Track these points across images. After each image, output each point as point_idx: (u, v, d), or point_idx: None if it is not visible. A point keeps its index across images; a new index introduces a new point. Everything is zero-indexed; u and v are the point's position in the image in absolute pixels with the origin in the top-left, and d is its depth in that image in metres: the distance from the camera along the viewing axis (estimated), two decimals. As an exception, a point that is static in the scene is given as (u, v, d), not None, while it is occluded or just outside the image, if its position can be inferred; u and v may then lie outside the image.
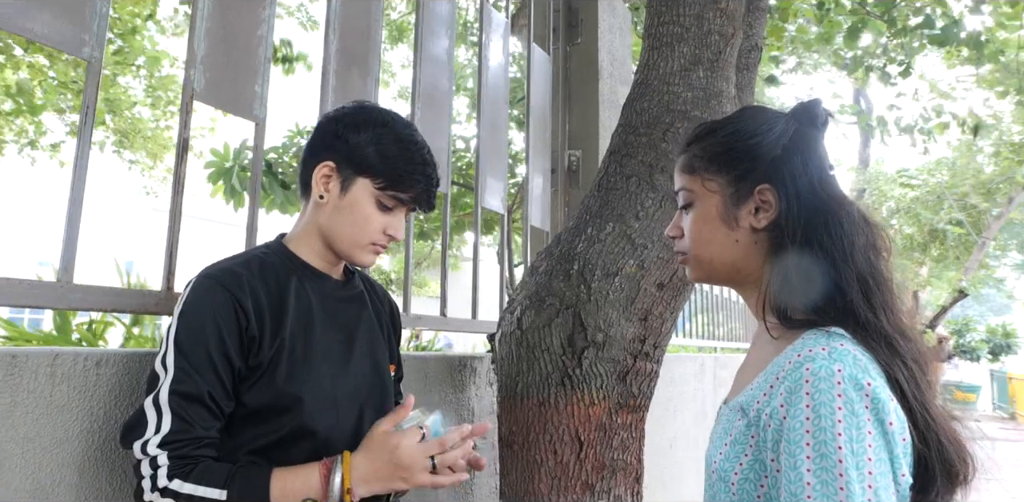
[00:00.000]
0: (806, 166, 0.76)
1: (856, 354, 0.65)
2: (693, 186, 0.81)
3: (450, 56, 2.01)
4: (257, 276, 0.92)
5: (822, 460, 0.60)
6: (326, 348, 0.96)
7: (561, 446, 1.39)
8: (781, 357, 0.70)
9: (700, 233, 0.80)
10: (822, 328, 0.70)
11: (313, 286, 0.98)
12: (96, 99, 1.10)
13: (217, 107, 1.33)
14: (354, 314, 1.04)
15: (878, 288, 0.72)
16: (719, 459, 0.72)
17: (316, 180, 0.97)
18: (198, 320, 0.86)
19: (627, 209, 1.46)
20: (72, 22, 1.07)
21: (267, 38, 1.41)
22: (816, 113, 0.78)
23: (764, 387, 0.69)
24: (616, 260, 1.43)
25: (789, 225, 0.74)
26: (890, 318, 0.71)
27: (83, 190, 1.06)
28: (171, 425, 0.81)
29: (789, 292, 0.73)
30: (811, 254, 0.72)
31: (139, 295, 1.11)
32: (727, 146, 0.79)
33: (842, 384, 0.62)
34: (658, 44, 1.53)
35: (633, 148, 1.51)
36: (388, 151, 0.96)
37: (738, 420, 0.71)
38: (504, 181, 2.23)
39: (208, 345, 0.85)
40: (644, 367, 1.44)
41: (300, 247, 1.00)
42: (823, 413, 0.61)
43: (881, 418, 0.61)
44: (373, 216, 0.97)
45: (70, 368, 0.88)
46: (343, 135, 0.96)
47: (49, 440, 0.85)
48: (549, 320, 1.42)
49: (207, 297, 0.87)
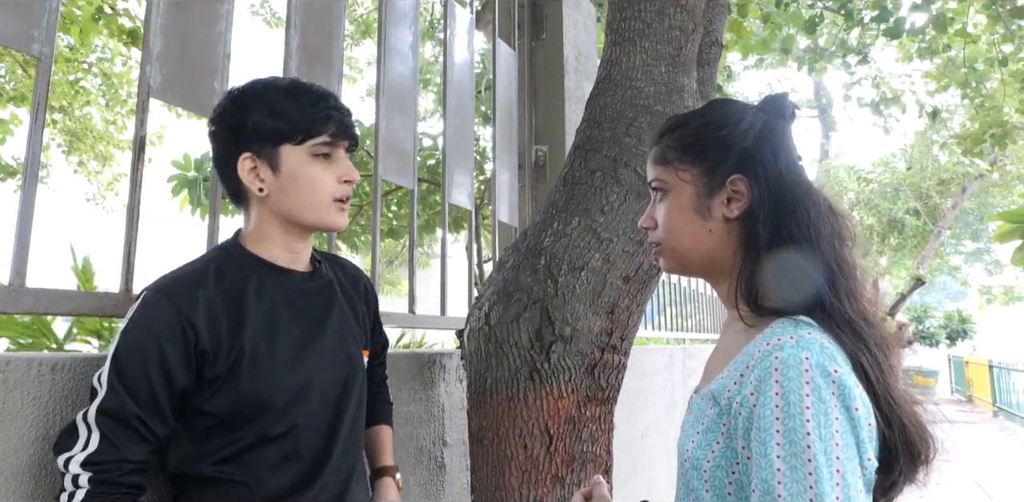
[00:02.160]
0: (776, 156, 0.77)
1: (823, 342, 0.67)
2: (666, 177, 0.82)
3: (414, 52, 2.00)
4: (212, 283, 0.90)
5: (791, 446, 0.62)
6: (294, 346, 0.94)
7: (531, 440, 1.40)
8: (751, 346, 0.71)
9: (674, 223, 0.81)
10: (791, 317, 0.72)
11: (276, 284, 0.96)
12: (47, 96, 1.06)
13: (175, 104, 1.30)
14: (323, 306, 1.01)
15: (843, 275, 0.74)
16: (691, 447, 0.73)
17: (245, 177, 0.93)
18: (139, 338, 0.84)
19: (592, 203, 1.48)
20: (21, 18, 1.03)
21: (226, 34, 1.38)
22: (783, 105, 0.80)
23: (734, 376, 0.71)
24: (582, 254, 1.45)
25: (760, 214, 0.75)
26: (854, 304, 0.73)
27: (34, 191, 1.03)
28: (97, 445, 0.80)
29: (760, 280, 0.75)
30: (780, 243, 0.74)
31: (95, 298, 1.08)
32: (699, 137, 0.80)
33: (810, 372, 0.64)
34: (620, 39, 1.55)
35: (597, 143, 1.52)
36: (282, 108, 0.92)
37: (709, 408, 0.73)
38: (471, 177, 2.23)
39: (147, 365, 0.83)
40: (612, 359, 1.46)
41: (259, 244, 0.97)
42: (792, 400, 0.63)
43: (847, 404, 0.63)
44: (318, 173, 0.94)
45: (23, 374, 0.86)
46: (237, 123, 0.93)
47: (2, 448, 0.83)
48: (517, 315, 1.43)
49: (152, 314, 0.85)
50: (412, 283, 1.84)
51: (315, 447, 0.92)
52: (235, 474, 0.86)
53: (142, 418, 0.82)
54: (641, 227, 0.87)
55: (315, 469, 0.92)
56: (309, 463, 0.92)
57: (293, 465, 0.90)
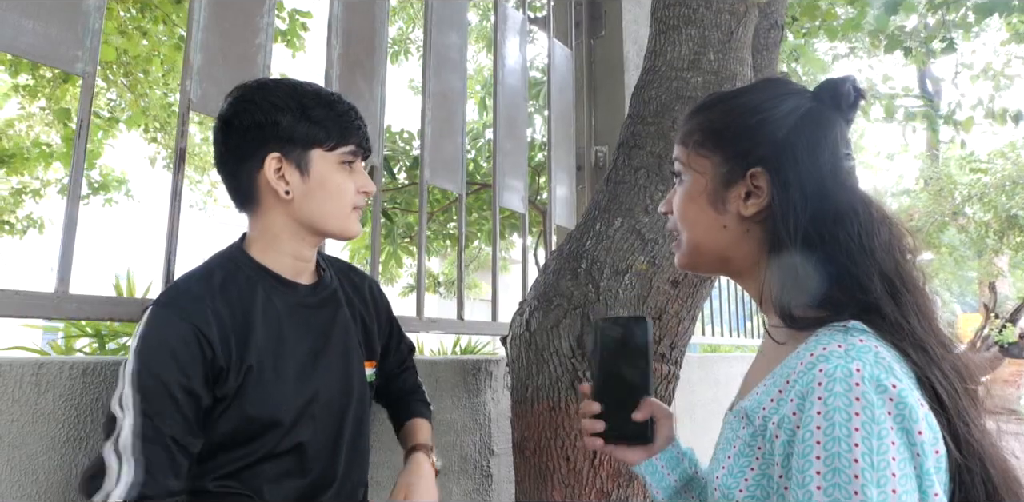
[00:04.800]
0: (813, 152, 0.66)
1: (879, 351, 0.56)
2: (686, 160, 0.73)
3: (462, 55, 1.98)
4: (219, 295, 0.87)
5: (835, 476, 0.51)
6: (300, 362, 0.92)
7: (574, 452, 1.33)
8: (792, 357, 0.61)
9: (686, 211, 0.72)
10: (839, 323, 0.61)
11: (281, 297, 0.93)
12: (90, 113, 1.12)
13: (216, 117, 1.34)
14: (327, 318, 0.98)
15: (907, 290, 0.63)
16: (722, 474, 0.63)
17: (270, 178, 0.90)
18: (157, 357, 0.79)
19: (636, 203, 1.39)
20: (65, 38, 1.10)
21: (266, 46, 1.42)
22: (840, 91, 0.68)
23: (772, 391, 0.61)
24: (625, 257, 1.37)
25: (784, 216, 0.65)
26: (923, 323, 0.61)
27: (78, 201, 1.08)
28: (134, 476, 0.75)
29: (793, 291, 0.64)
30: (821, 250, 0.64)
31: (136, 303, 1.12)
32: (726, 121, 0.71)
33: (861, 386, 0.53)
34: (664, 28, 1.46)
35: (641, 139, 1.44)
36: (316, 113, 0.91)
37: (742, 428, 0.63)
38: (524, 180, 2.19)
39: (169, 384, 0.78)
40: (660, 369, 1.37)
41: (265, 254, 0.94)
42: (837, 420, 0.52)
43: (907, 426, 0.52)
44: (344, 182, 0.94)
45: (55, 377, 0.89)
46: (268, 122, 0.89)
47: (36, 448, 0.87)
48: (557, 321, 1.37)
49: (167, 331, 0.81)
50: (460, 289, 1.82)
51: (321, 462, 0.90)
52: (239, 487, 0.84)
53: (176, 439, 0.78)
54: (660, 212, 0.78)
55: (322, 485, 0.91)
56: (316, 478, 0.90)
57: (298, 480, 0.88)
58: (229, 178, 0.94)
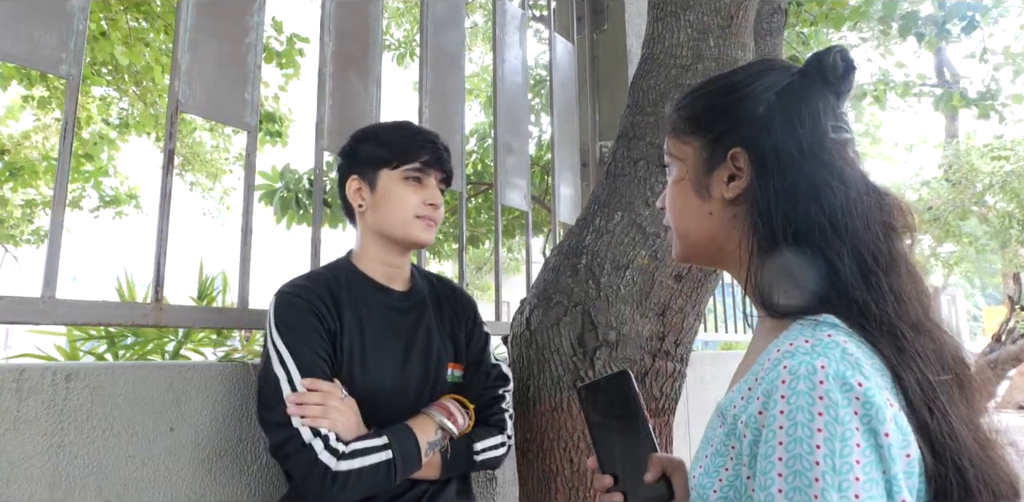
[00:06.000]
0: (792, 126, 0.62)
1: (848, 347, 0.53)
2: (672, 150, 0.70)
3: (460, 53, 1.96)
4: (323, 291, 1.03)
5: (796, 478, 0.48)
6: (383, 356, 1.04)
7: (577, 454, 1.29)
8: (763, 354, 0.58)
9: (674, 203, 0.69)
10: (811, 317, 0.57)
11: (374, 299, 1.07)
12: (75, 115, 1.11)
13: (206, 117, 1.33)
14: (412, 322, 1.10)
15: (879, 267, 0.59)
16: (698, 473, 0.60)
17: (351, 196, 1.10)
18: (294, 325, 0.97)
19: (636, 196, 1.35)
20: (49, 41, 1.08)
21: (256, 45, 1.40)
22: (826, 62, 0.63)
23: (743, 389, 0.58)
24: (626, 251, 1.33)
25: (762, 195, 0.62)
26: (899, 306, 0.57)
27: (63, 206, 1.07)
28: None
29: (771, 274, 0.61)
30: (796, 229, 0.60)
31: (126, 308, 1.11)
32: (708, 103, 0.68)
33: (825, 384, 0.50)
34: (662, 14, 1.42)
35: (640, 129, 1.40)
36: (384, 137, 1.10)
37: (719, 427, 0.60)
38: (527, 177, 2.16)
39: (311, 343, 0.96)
40: (665, 367, 1.33)
41: (363, 261, 1.11)
42: (799, 420, 0.49)
43: (874, 427, 0.49)
44: (406, 194, 1.08)
45: (37, 382, 0.88)
46: (351, 153, 1.12)
47: (17, 455, 0.85)
48: (557, 319, 1.33)
49: (291, 306, 0.99)
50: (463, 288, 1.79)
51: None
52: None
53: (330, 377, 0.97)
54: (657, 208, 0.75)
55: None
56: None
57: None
58: (340, 201, 1.14)
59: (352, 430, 0.93)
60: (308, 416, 0.90)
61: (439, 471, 1.03)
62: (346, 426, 0.93)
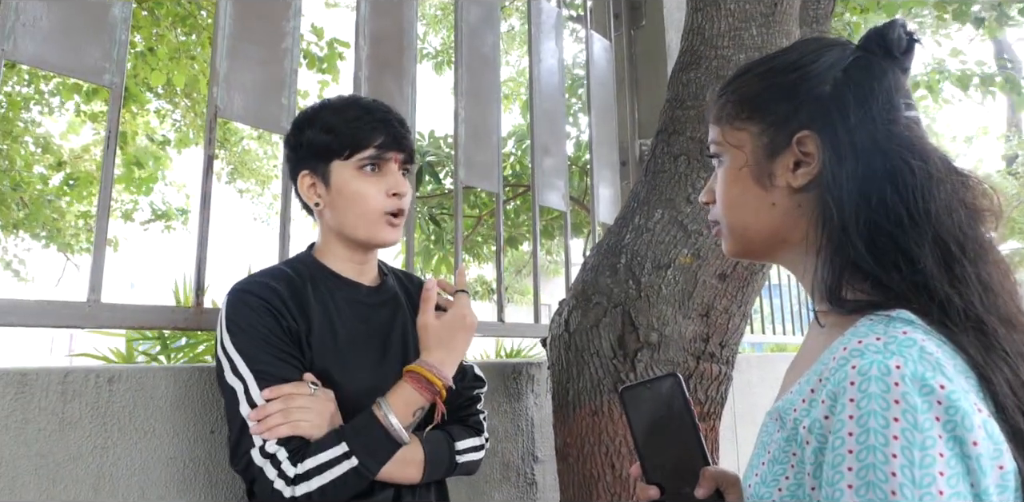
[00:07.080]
0: (864, 105, 0.57)
1: (926, 345, 0.47)
2: (722, 139, 0.65)
3: (495, 53, 1.94)
4: (284, 286, 0.93)
5: (868, 491, 0.43)
6: (359, 353, 0.95)
7: (619, 459, 1.25)
8: (827, 352, 0.53)
9: (730, 196, 0.64)
10: (883, 312, 0.52)
11: (341, 294, 0.98)
12: (118, 124, 1.13)
13: (244, 123, 1.35)
14: (386, 319, 1.01)
15: (965, 256, 0.53)
16: (754, 482, 0.56)
17: (304, 194, 0.98)
18: (246, 326, 0.87)
19: (677, 192, 1.31)
20: (92, 51, 1.11)
21: (293, 50, 1.41)
22: (890, 37, 0.59)
23: (804, 390, 0.53)
24: (668, 250, 1.28)
25: (836, 181, 0.56)
26: (985, 298, 0.52)
27: (107, 212, 1.09)
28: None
29: (840, 266, 0.56)
30: (872, 215, 0.55)
31: (168, 311, 1.12)
32: (762, 85, 0.62)
33: (901, 386, 0.45)
34: (701, 4, 1.37)
35: (680, 124, 1.35)
36: (330, 124, 0.95)
37: (776, 432, 0.55)
38: (565, 178, 2.13)
39: (267, 346, 0.86)
40: (710, 369, 1.28)
41: (326, 256, 1.01)
42: (872, 426, 0.44)
43: (959, 435, 0.44)
44: (364, 187, 0.95)
45: (81, 385, 0.89)
46: (296, 143, 0.98)
47: (62, 456, 0.86)
48: (596, 320, 1.30)
49: (244, 306, 0.89)
50: (500, 291, 1.77)
51: None
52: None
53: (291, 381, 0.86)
54: (700, 202, 0.70)
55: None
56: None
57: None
58: (296, 195, 1.03)
59: (322, 425, 0.84)
60: (269, 428, 0.81)
61: (421, 471, 0.92)
62: (312, 424, 0.83)
